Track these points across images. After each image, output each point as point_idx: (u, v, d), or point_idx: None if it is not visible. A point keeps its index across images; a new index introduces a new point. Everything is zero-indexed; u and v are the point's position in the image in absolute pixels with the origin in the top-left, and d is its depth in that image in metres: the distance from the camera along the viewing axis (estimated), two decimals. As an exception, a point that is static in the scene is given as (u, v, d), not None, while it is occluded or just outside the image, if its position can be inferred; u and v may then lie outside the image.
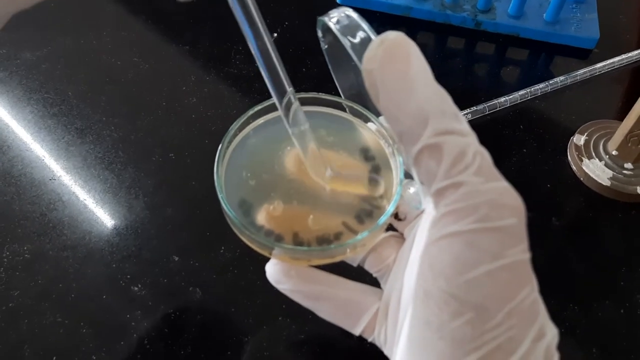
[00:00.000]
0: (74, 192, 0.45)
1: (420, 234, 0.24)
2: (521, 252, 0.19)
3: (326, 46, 0.25)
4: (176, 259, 0.41)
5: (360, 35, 0.21)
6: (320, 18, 0.23)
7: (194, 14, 0.59)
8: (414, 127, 0.19)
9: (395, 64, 0.19)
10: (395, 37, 0.19)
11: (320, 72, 0.54)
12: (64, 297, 0.39)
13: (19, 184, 0.45)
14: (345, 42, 0.21)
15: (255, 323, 0.39)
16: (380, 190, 0.26)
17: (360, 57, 0.20)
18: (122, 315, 0.38)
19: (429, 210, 0.21)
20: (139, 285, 0.40)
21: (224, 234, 0.43)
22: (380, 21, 0.59)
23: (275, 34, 0.57)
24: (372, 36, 0.21)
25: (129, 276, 0.40)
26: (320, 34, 0.24)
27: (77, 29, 0.56)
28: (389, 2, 0.58)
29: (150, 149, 0.48)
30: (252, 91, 0.52)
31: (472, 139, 0.20)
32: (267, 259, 0.27)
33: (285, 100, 0.23)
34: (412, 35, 0.58)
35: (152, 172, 0.46)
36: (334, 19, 0.22)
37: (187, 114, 0.50)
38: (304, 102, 0.28)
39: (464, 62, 0.57)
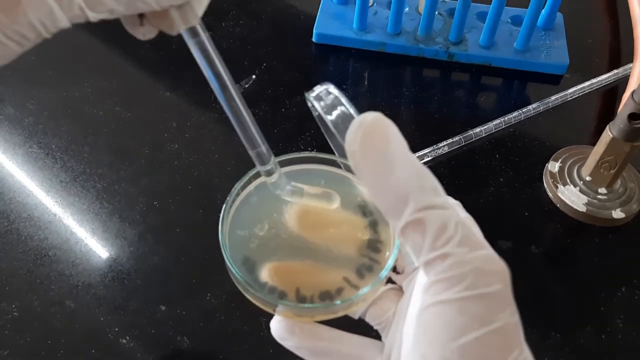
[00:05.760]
0: (60, 247, 0.45)
1: (417, 292, 0.25)
2: (509, 316, 0.20)
3: (317, 113, 0.27)
4: (163, 308, 0.42)
5: (341, 111, 0.23)
6: (306, 94, 0.24)
7: (173, 60, 0.60)
8: (396, 204, 0.21)
9: (374, 144, 0.21)
10: (373, 119, 0.21)
11: (298, 112, 0.55)
12: (53, 354, 0.40)
13: (5, 241, 0.45)
14: (328, 119, 0.23)
15: (243, 369, 0.39)
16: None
17: (342, 134, 0.22)
18: (111, 369, 0.39)
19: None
20: (127, 338, 0.40)
21: (210, 280, 0.44)
22: (356, 57, 0.61)
23: (254, 76, 0.58)
24: (353, 112, 0.23)
25: (116, 329, 0.41)
26: (310, 104, 0.25)
27: (59, 81, 0.57)
28: (363, 38, 0.60)
29: (134, 197, 0.48)
30: (233, 135, 0.53)
31: (452, 211, 0.21)
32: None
33: (268, 167, 0.26)
34: (387, 69, 0.60)
35: (136, 221, 0.47)
36: (317, 96, 0.24)
37: (169, 160, 0.51)
38: (299, 161, 0.29)
39: (440, 94, 0.58)
